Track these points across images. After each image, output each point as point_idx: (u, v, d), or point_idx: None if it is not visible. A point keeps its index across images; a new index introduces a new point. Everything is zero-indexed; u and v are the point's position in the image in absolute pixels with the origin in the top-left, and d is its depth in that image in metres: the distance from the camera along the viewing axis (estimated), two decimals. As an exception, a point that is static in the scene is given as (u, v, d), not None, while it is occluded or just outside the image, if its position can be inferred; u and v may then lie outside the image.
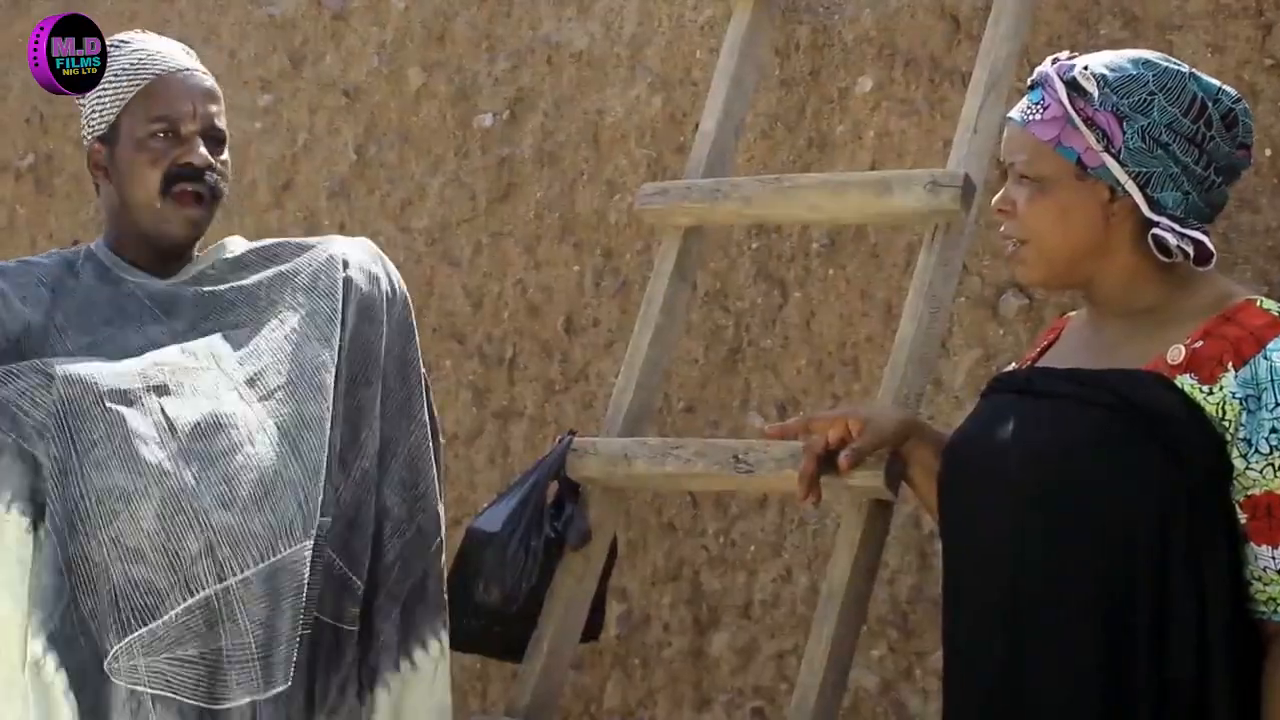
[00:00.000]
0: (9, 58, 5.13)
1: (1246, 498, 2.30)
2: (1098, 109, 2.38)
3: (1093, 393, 2.36)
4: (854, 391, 3.50)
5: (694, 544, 3.72)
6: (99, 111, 2.76)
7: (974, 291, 3.34)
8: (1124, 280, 2.42)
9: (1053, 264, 2.43)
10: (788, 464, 2.88)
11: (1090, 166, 2.38)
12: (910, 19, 3.48)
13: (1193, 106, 2.38)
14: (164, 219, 2.71)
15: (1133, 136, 2.37)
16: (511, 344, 4.08)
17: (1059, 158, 2.40)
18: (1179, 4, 3.14)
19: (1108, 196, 2.39)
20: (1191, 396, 2.30)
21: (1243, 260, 3.01)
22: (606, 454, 3.06)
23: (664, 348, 3.22)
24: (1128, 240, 2.40)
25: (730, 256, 3.72)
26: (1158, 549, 2.30)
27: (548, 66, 4.08)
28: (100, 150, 2.75)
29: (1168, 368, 2.33)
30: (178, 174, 2.70)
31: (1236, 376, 2.30)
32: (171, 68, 2.74)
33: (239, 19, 4.76)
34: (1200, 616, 2.29)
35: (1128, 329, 2.42)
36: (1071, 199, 2.40)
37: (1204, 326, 2.34)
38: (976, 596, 2.42)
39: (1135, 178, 2.37)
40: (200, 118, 2.72)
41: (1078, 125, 2.39)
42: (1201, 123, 2.38)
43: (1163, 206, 2.38)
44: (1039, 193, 2.41)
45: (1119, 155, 2.37)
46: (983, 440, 2.46)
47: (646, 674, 3.78)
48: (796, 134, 3.64)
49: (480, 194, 4.18)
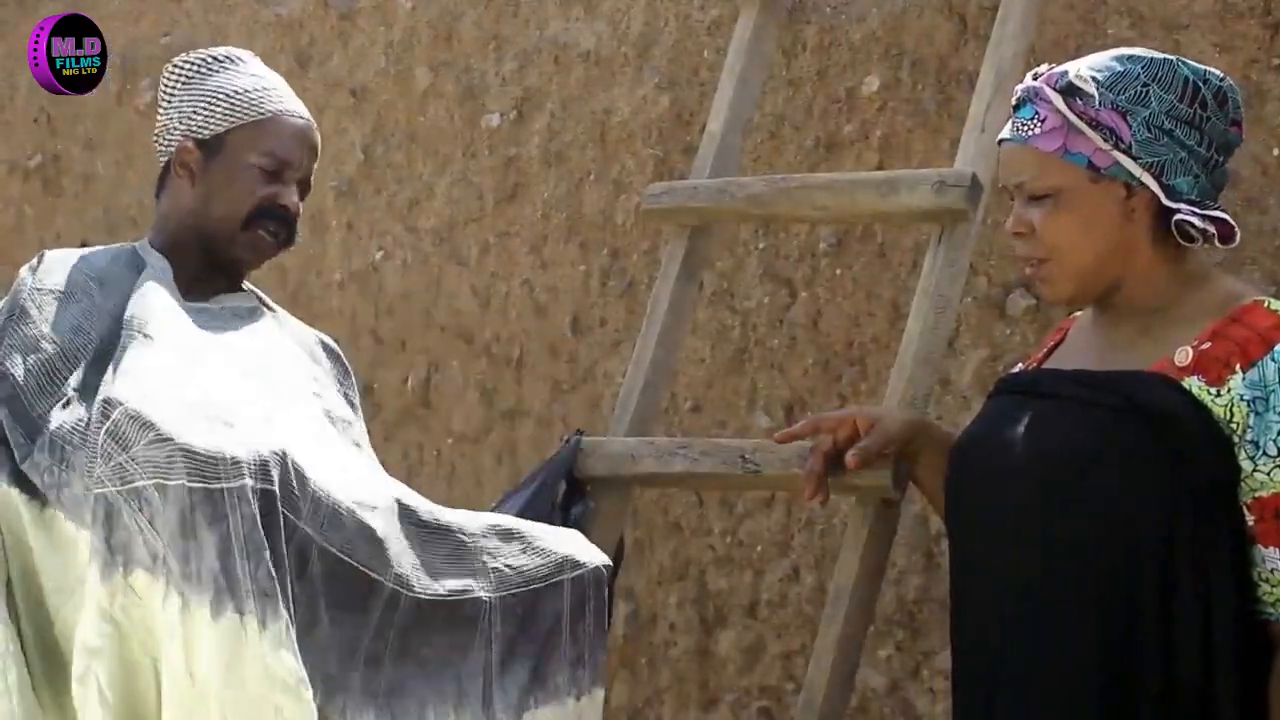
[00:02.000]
0: (15, 58, 5.14)
1: (1254, 499, 2.30)
2: (1099, 109, 2.36)
3: (1099, 394, 2.35)
4: (861, 391, 3.50)
5: (700, 543, 3.72)
6: (205, 117, 2.75)
7: (981, 291, 3.34)
8: (1141, 276, 2.40)
9: (1081, 276, 2.40)
10: (794, 464, 2.88)
11: (1103, 167, 2.36)
12: (917, 19, 3.48)
13: (1186, 90, 2.37)
14: (238, 244, 2.75)
15: (1139, 129, 2.35)
16: (519, 344, 4.08)
17: (1069, 165, 2.37)
18: (1186, 3, 3.14)
19: (1124, 194, 2.37)
20: (1199, 398, 2.30)
21: (1250, 261, 3.01)
22: (613, 453, 3.06)
23: (671, 347, 3.22)
24: (1147, 236, 2.39)
25: (737, 256, 3.72)
26: (1163, 550, 2.29)
27: (555, 66, 4.08)
28: (194, 153, 2.75)
29: (1175, 369, 2.33)
30: (268, 211, 2.74)
31: (1244, 378, 2.29)
32: (293, 112, 2.79)
33: (246, 19, 4.77)
34: (1206, 618, 2.28)
35: (1135, 330, 2.41)
36: (1091, 205, 2.37)
37: (1211, 328, 2.34)
38: (983, 596, 2.42)
39: (1149, 169, 2.35)
40: (304, 169, 2.78)
41: (1082, 129, 2.36)
42: (1197, 105, 2.37)
43: (1179, 193, 2.36)
44: (1056, 207, 2.38)
45: (1130, 149, 2.35)
46: (990, 441, 2.46)
47: (653, 673, 3.79)
48: (803, 134, 3.64)
49: (487, 194, 4.18)
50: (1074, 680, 2.32)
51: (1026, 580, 2.36)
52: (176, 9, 4.91)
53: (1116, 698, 2.30)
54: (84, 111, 5.09)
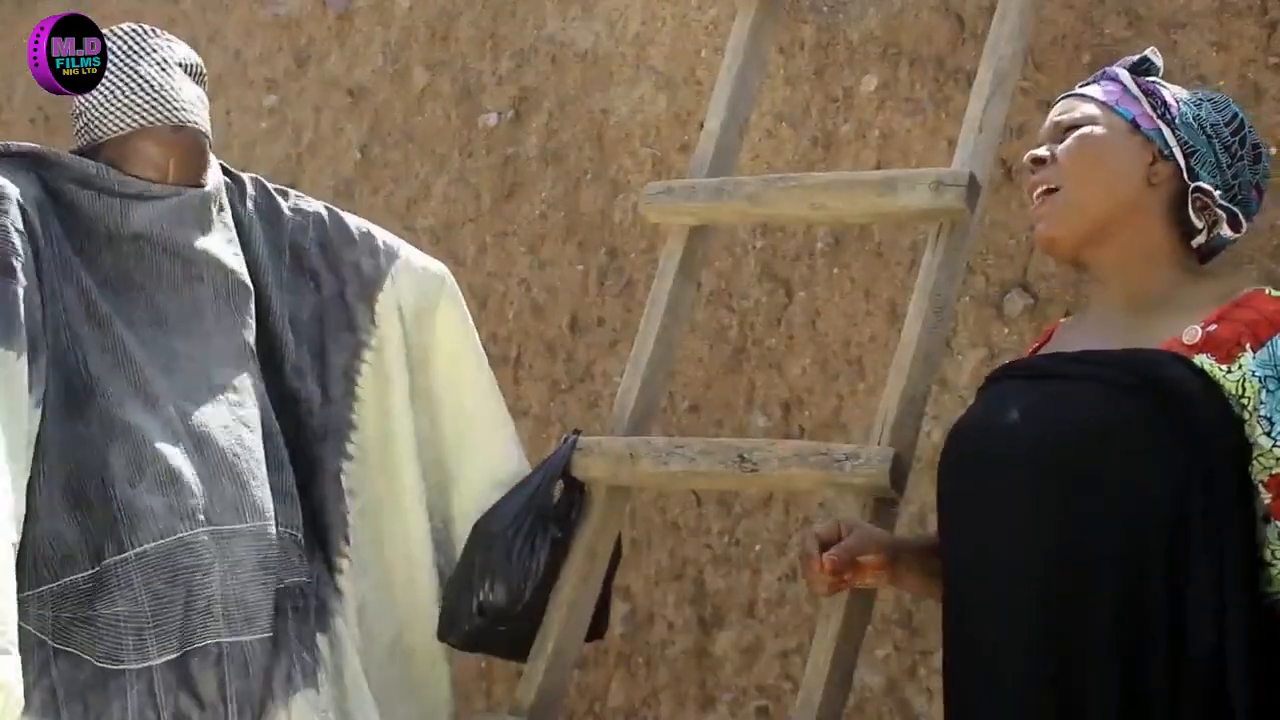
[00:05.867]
0: (13, 59, 5.14)
1: (1271, 476, 2.30)
2: (1158, 84, 2.49)
3: (1109, 371, 2.36)
4: (858, 391, 3.50)
5: (698, 543, 3.72)
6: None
7: (979, 291, 3.34)
8: (1143, 254, 2.45)
9: (1083, 215, 2.45)
10: (792, 463, 2.88)
11: (1144, 127, 2.45)
12: (915, 18, 3.48)
13: (1233, 121, 2.49)
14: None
15: (1186, 114, 2.46)
16: (516, 343, 4.08)
17: (1114, 113, 2.48)
18: (1184, 2, 3.14)
19: (1151, 159, 2.45)
20: (1211, 374, 2.31)
21: (1248, 260, 3.01)
22: (611, 453, 3.06)
23: (668, 347, 3.22)
24: (1161, 210, 2.45)
25: (735, 256, 3.72)
26: (1174, 527, 2.29)
27: (552, 66, 4.08)
28: None
29: (1184, 347, 2.34)
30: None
31: (1255, 357, 2.31)
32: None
33: (244, 19, 4.77)
34: (1218, 596, 2.28)
35: (1138, 318, 2.43)
36: (1118, 151, 2.45)
37: (1218, 311, 2.36)
38: (983, 578, 2.41)
39: (1182, 145, 2.44)
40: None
41: (1136, 95, 2.48)
42: (1238, 139, 2.47)
43: (1200, 181, 2.45)
44: (1084, 139, 2.46)
45: (1173, 122, 2.45)
46: (991, 423, 2.45)
47: (650, 673, 3.78)
48: (801, 133, 3.64)
49: (485, 193, 4.18)
50: (1084, 660, 2.32)
51: (1032, 560, 2.35)
52: (174, 9, 4.91)
53: (1128, 677, 2.29)
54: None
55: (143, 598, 2.60)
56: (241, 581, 2.68)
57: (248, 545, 2.70)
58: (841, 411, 3.54)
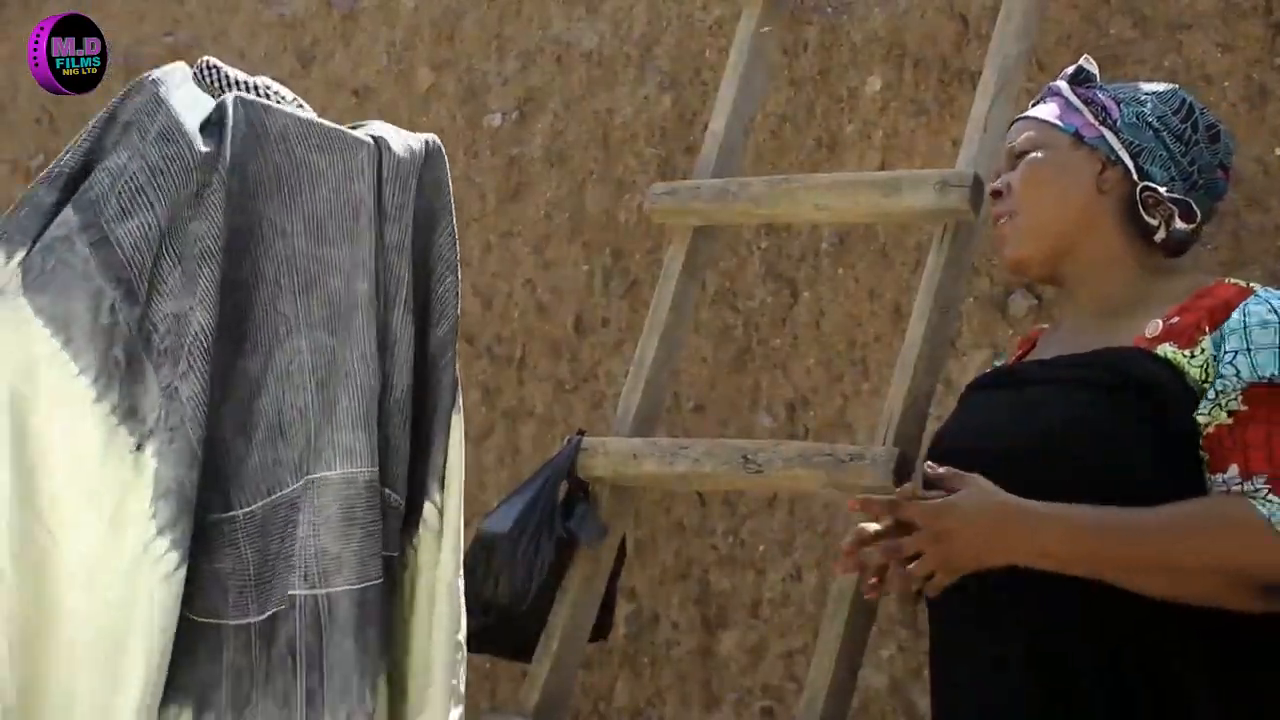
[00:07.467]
0: (17, 59, 5.14)
1: (1205, 437, 2.32)
2: (1097, 92, 2.53)
3: (1087, 372, 2.39)
4: (863, 391, 3.50)
5: (703, 543, 3.72)
6: None
7: (983, 291, 3.34)
8: (1105, 261, 2.49)
9: (1040, 236, 2.51)
10: (796, 464, 2.88)
11: (1087, 137, 2.50)
12: (919, 19, 3.48)
13: (1181, 108, 2.52)
14: None
15: (1128, 114, 2.50)
16: (521, 344, 4.08)
17: (1057, 131, 2.53)
18: (1189, 3, 3.14)
19: (1100, 167, 2.49)
20: (1174, 361, 2.35)
21: (1252, 261, 3.01)
22: (616, 453, 3.06)
23: (673, 347, 3.22)
24: (1117, 215, 2.49)
25: (739, 256, 3.72)
26: None
27: (557, 66, 4.09)
28: None
29: (1147, 341, 2.38)
30: None
31: (1211, 338, 2.34)
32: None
33: (248, 19, 4.77)
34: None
35: (1107, 321, 2.47)
36: (1065, 167, 2.50)
37: (1180, 305, 2.40)
38: (964, 585, 2.41)
39: (1128, 147, 2.48)
40: None
41: (1078, 106, 2.52)
42: (1189, 125, 2.50)
43: (1150, 178, 2.48)
44: (1033, 165, 2.52)
45: (1115, 126, 2.49)
46: (973, 428, 2.49)
47: (655, 673, 3.79)
48: (805, 134, 3.64)
49: (489, 193, 4.18)
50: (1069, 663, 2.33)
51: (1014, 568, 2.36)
52: (179, 9, 4.91)
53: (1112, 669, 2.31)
54: (87, 111, 5.08)
55: (248, 554, 2.57)
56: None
57: (335, 494, 2.65)
58: (846, 412, 3.54)
